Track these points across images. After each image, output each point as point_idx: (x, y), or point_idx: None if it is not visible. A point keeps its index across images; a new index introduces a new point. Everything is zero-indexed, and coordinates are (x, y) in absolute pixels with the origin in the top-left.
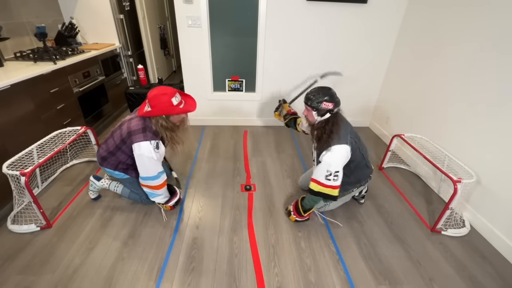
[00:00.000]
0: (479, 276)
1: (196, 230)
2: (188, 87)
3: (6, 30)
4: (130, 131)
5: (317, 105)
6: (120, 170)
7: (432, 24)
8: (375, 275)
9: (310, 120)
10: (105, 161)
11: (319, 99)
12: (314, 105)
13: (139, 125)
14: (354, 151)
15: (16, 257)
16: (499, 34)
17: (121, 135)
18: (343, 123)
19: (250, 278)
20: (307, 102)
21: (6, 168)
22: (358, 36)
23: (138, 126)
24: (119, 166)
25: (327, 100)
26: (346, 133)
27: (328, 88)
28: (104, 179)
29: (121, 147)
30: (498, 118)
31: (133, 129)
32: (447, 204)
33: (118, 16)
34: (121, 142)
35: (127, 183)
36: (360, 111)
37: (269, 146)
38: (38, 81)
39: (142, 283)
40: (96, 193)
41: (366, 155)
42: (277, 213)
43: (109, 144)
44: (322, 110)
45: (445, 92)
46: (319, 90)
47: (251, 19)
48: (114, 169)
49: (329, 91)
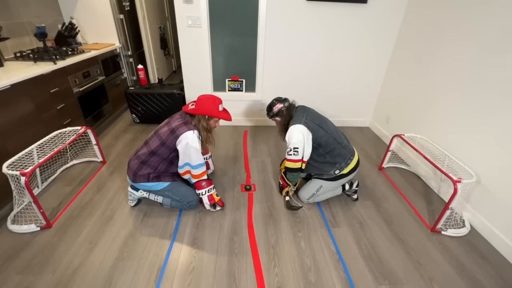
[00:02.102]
0: (479, 276)
1: (196, 230)
2: (188, 87)
3: (6, 30)
4: (172, 128)
5: (273, 112)
6: (153, 181)
7: (432, 24)
8: (375, 275)
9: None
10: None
11: (271, 108)
12: (271, 114)
13: (180, 121)
14: (316, 131)
15: (16, 257)
16: (499, 34)
17: (161, 138)
18: (299, 111)
19: (250, 278)
20: (270, 116)
21: (6, 168)
22: (358, 36)
23: (180, 122)
24: (151, 176)
25: (275, 103)
26: (301, 116)
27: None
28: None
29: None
30: (498, 118)
31: (174, 125)
32: (447, 204)
33: (118, 16)
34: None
35: (166, 191)
36: (360, 111)
37: (269, 146)
38: (38, 81)
39: (142, 283)
40: (135, 201)
41: (339, 138)
42: (277, 213)
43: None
44: (279, 112)
45: (445, 92)
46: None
47: (251, 19)
48: (147, 181)
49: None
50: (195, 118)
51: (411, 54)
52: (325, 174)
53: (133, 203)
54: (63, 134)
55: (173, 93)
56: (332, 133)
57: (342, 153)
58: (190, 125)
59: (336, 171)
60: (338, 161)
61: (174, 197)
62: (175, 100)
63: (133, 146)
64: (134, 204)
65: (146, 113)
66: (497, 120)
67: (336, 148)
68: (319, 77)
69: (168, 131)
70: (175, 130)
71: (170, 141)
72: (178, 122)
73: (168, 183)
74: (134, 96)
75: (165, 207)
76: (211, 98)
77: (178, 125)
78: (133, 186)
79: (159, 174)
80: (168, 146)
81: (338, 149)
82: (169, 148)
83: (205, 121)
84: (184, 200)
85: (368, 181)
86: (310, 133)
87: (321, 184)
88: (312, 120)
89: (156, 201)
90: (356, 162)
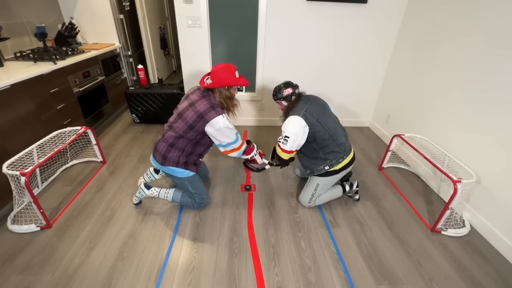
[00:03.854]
0: (479, 276)
1: (196, 230)
2: (188, 87)
3: (6, 30)
4: (201, 113)
5: (281, 95)
6: (181, 166)
7: (432, 24)
8: (375, 275)
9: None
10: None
11: (280, 90)
12: (279, 97)
13: (207, 105)
14: (313, 125)
15: (16, 257)
16: (500, 34)
17: (187, 122)
18: (302, 101)
19: (250, 278)
20: (276, 98)
21: (6, 168)
22: (358, 36)
23: (207, 106)
24: (180, 160)
25: (286, 86)
26: (301, 108)
27: (284, 82)
28: (153, 188)
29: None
30: (499, 118)
31: (202, 110)
32: (447, 204)
33: (118, 16)
34: (188, 128)
35: (186, 181)
36: (360, 111)
37: (269, 146)
38: (38, 81)
39: (142, 283)
40: (139, 199)
41: (336, 135)
42: (277, 213)
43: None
44: (287, 97)
45: (445, 92)
46: (277, 86)
47: (251, 19)
48: (177, 166)
49: (285, 82)
50: (216, 91)
51: (411, 54)
52: (315, 169)
53: (137, 201)
54: (63, 134)
55: (173, 93)
56: (329, 129)
57: (335, 150)
58: (217, 109)
59: (325, 167)
60: (329, 158)
61: (190, 189)
62: (175, 100)
63: (133, 146)
64: (137, 202)
65: (146, 113)
66: (497, 120)
67: (329, 145)
68: (319, 77)
69: (195, 116)
70: (203, 115)
71: (200, 126)
72: (204, 105)
73: (193, 173)
74: (134, 96)
75: (174, 203)
76: (227, 67)
77: (205, 109)
78: (145, 185)
79: (187, 160)
80: (197, 130)
81: (331, 147)
82: (198, 132)
83: (226, 91)
84: (198, 195)
85: (368, 181)
86: (307, 126)
87: (317, 182)
88: (311, 113)
89: (165, 199)
90: (349, 160)
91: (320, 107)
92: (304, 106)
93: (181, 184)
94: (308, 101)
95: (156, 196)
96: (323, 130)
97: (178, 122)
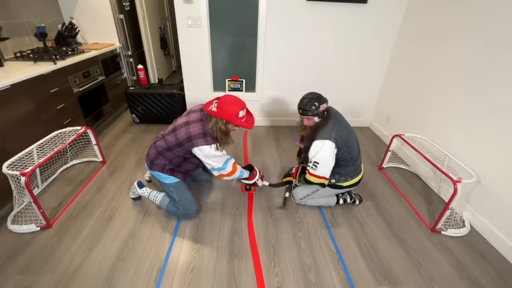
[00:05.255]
0: (479, 276)
1: (196, 230)
2: (188, 87)
3: (6, 30)
4: (190, 136)
5: (317, 111)
6: (167, 172)
7: (432, 24)
8: (375, 275)
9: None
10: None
11: (316, 106)
12: (314, 113)
13: (199, 130)
14: (341, 148)
15: (16, 257)
16: (500, 33)
17: (177, 139)
18: (330, 121)
19: (250, 278)
20: (308, 114)
21: (6, 168)
22: (358, 36)
23: (199, 131)
24: (166, 167)
25: (321, 102)
26: (331, 130)
27: (314, 94)
28: (145, 188)
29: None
30: (499, 118)
31: (193, 134)
32: (447, 204)
33: (118, 16)
34: (177, 145)
35: (171, 187)
36: (360, 111)
37: (269, 146)
38: (38, 81)
39: (142, 283)
40: (136, 195)
41: (355, 154)
42: (277, 213)
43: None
44: (320, 113)
45: (445, 92)
46: (311, 99)
47: (251, 19)
48: (162, 171)
49: (317, 95)
50: (213, 119)
51: (411, 54)
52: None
53: (133, 195)
54: (63, 134)
55: (173, 93)
56: (353, 149)
57: (348, 170)
58: (208, 138)
59: (332, 180)
60: (339, 173)
61: (174, 197)
62: (175, 100)
63: (133, 146)
64: (134, 197)
65: (146, 113)
66: (497, 120)
67: (345, 163)
68: (319, 77)
69: (185, 136)
70: (192, 138)
71: (187, 146)
72: (197, 129)
73: (178, 180)
74: (134, 96)
75: (161, 210)
76: (234, 103)
77: (196, 134)
78: (139, 182)
79: (174, 168)
80: (185, 148)
81: (346, 166)
82: (186, 151)
83: (223, 124)
84: (182, 204)
85: (368, 181)
86: (335, 150)
87: (318, 187)
88: (341, 135)
89: (154, 202)
90: (356, 181)
91: (345, 126)
92: (334, 128)
93: (166, 190)
94: (335, 121)
95: (146, 196)
96: (347, 151)
97: (171, 136)
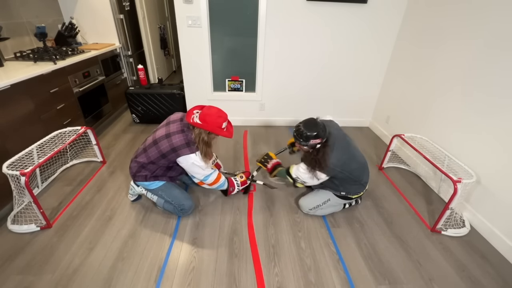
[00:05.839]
0: (479, 276)
1: (196, 230)
2: (188, 87)
3: (6, 30)
4: (174, 147)
5: (306, 143)
6: (150, 180)
7: (432, 24)
8: (375, 275)
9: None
10: (139, 172)
11: (307, 138)
12: (303, 144)
13: (182, 140)
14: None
15: (16, 257)
16: (500, 35)
17: (160, 151)
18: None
19: (250, 278)
20: (298, 142)
21: (6, 168)
22: (358, 36)
23: (182, 142)
24: (149, 175)
25: (314, 137)
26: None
27: (313, 124)
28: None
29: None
30: (499, 118)
31: (177, 145)
32: (447, 204)
33: (118, 16)
34: (161, 156)
35: (159, 191)
36: (360, 111)
37: (269, 146)
38: (38, 81)
39: (142, 283)
40: (135, 196)
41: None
42: (277, 213)
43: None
44: (312, 146)
45: (446, 92)
46: (305, 129)
47: (251, 19)
48: (145, 180)
49: (315, 127)
50: (195, 130)
51: (411, 54)
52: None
53: (132, 197)
54: (63, 134)
55: (173, 93)
56: (353, 172)
57: (354, 187)
58: (192, 147)
59: (342, 192)
60: (348, 190)
61: (166, 198)
62: (175, 100)
63: (133, 146)
64: (133, 199)
65: (146, 113)
66: (497, 120)
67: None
68: (319, 77)
69: (168, 147)
70: (176, 149)
71: (171, 157)
72: (180, 140)
73: (163, 182)
74: (134, 96)
75: (159, 208)
76: (216, 115)
77: (180, 145)
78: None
79: (157, 176)
80: (169, 159)
81: (353, 184)
82: (170, 161)
83: (206, 135)
84: (176, 203)
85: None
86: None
87: (329, 197)
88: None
89: (152, 200)
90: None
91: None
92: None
93: (156, 194)
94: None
95: (144, 194)
96: (347, 176)
97: (152, 149)
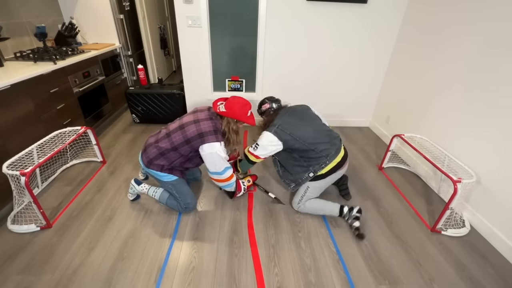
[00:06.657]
0: (479, 276)
1: (196, 230)
2: (188, 87)
3: (6, 30)
4: (202, 132)
5: (261, 110)
6: (165, 172)
7: (432, 24)
8: (375, 275)
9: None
10: (156, 160)
11: (260, 105)
12: (259, 111)
13: (211, 127)
14: (287, 142)
15: (16, 257)
16: (500, 35)
17: (186, 136)
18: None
19: (250, 278)
20: (258, 112)
21: (6, 168)
22: (358, 36)
23: (210, 128)
24: (165, 167)
25: (265, 102)
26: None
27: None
28: (144, 184)
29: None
30: (499, 118)
31: (205, 130)
32: (447, 204)
33: (118, 16)
34: (185, 142)
35: (170, 185)
36: (360, 111)
37: None
38: (38, 81)
39: (142, 283)
40: (134, 195)
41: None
42: (277, 213)
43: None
44: (265, 111)
45: (445, 92)
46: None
47: (251, 19)
48: (160, 170)
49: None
50: (224, 120)
51: (411, 54)
52: (299, 180)
53: (132, 197)
54: (63, 134)
55: (173, 93)
56: (306, 140)
57: (317, 157)
58: (218, 135)
59: (310, 173)
60: (312, 164)
61: (174, 193)
62: (175, 100)
63: (133, 146)
64: (133, 199)
65: (146, 113)
66: (497, 120)
67: (310, 154)
68: (319, 77)
69: (195, 133)
70: (203, 135)
71: (196, 143)
72: (208, 126)
73: (176, 177)
74: (134, 96)
75: (161, 204)
76: (243, 104)
77: (208, 130)
78: (136, 180)
79: (172, 167)
80: (192, 146)
81: (312, 155)
82: (193, 148)
83: (234, 124)
84: (182, 200)
85: (368, 181)
86: (280, 143)
87: (307, 185)
88: (284, 129)
89: (153, 197)
90: (335, 164)
91: (296, 119)
92: (279, 122)
93: (165, 187)
94: (283, 116)
95: (145, 192)
96: (299, 143)
97: (177, 133)
